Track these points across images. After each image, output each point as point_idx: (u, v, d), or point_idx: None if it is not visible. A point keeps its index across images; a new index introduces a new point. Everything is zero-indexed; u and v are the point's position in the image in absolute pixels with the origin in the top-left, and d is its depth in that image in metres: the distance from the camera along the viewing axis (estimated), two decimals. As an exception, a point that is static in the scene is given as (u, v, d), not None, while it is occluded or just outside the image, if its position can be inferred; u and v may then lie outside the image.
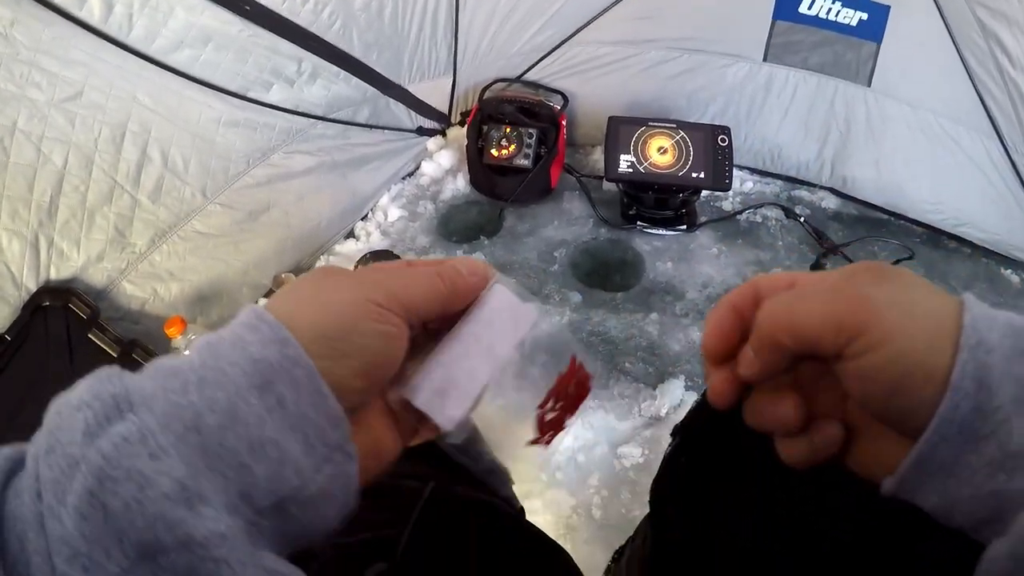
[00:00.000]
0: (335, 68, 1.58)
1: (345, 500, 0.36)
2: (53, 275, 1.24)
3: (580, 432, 1.41)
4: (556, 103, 1.99)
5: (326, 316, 0.37)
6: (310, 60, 1.51)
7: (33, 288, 1.22)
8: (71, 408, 0.31)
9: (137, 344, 1.28)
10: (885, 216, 1.93)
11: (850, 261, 1.71)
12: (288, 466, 0.33)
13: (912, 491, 0.37)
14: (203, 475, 0.30)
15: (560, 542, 1.23)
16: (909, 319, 0.35)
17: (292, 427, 0.33)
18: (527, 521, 0.75)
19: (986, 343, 0.33)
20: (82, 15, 1.11)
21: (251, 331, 0.35)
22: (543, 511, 1.32)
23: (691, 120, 1.90)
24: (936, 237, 1.87)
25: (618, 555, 1.07)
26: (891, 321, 0.35)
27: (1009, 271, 1.80)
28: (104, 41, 1.16)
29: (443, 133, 2.14)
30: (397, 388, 0.42)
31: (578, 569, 0.72)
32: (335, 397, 0.35)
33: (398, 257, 1.60)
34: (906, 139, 1.75)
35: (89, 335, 1.25)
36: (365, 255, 1.58)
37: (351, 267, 1.59)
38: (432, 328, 0.45)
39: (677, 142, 1.80)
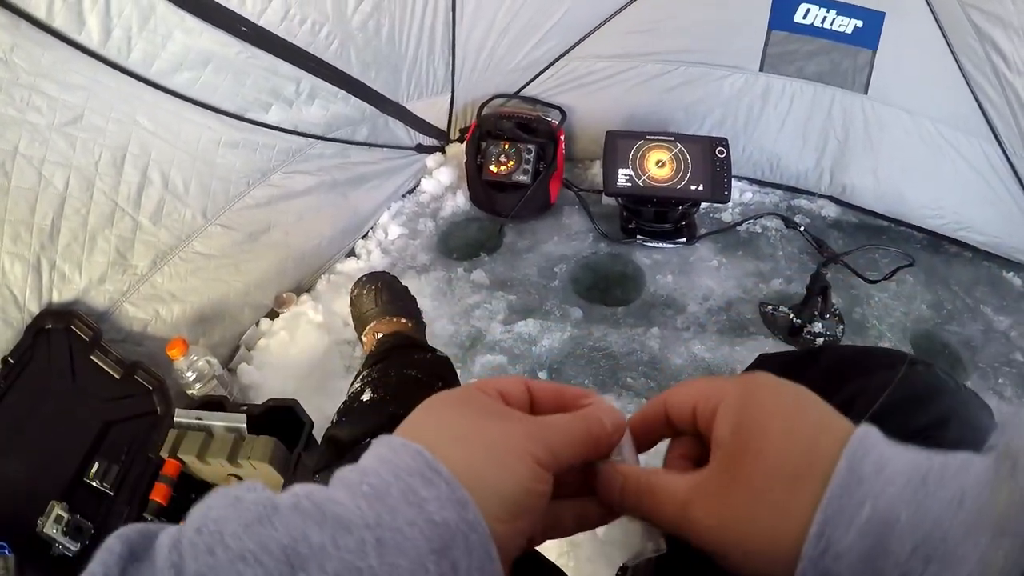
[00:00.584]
0: (333, 88, 1.59)
1: None
2: (55, 298, 1.24)
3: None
4: (554, 118, 2.00)
5: (496, 476, 0.37)
6: (308, 80, 1.51)
7: (35, 311, 1.22)
8: (233, 556, 0.29)
9: (139, 366, 1.28)
10: (885, 223, 1.93)
11: (851, 269, 1.71)
12: None
13: None
14: None
15: (563, 559, 1.23)
16: (757, 533, 0.37)
17: None
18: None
19: (835, 548, 0.33)
20: (81, 39, 1.11)
21: (425, 485, 0.34)
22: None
23: (689, 132, 1.91)
24: (937, 242, 1.88)
25: (622, 572, 1.06)
26: (739, 538, 0.37)
27: (1011, 274, 1.80)
28: (103, 64, 1.16)
29: (442, 150, 2.15)
30: None
31: None
32: (500, 558, 0.35)
33: (395, 279, 1.59)
34: (904, 145, 1.76)
35: (91, 357, 1.25)
36: (361, 278, 1.57)
37: (349, 286, 1.59)
38: None
39: (675, 155, 1.80)
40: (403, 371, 1.26)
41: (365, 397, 1.19)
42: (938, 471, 0.34)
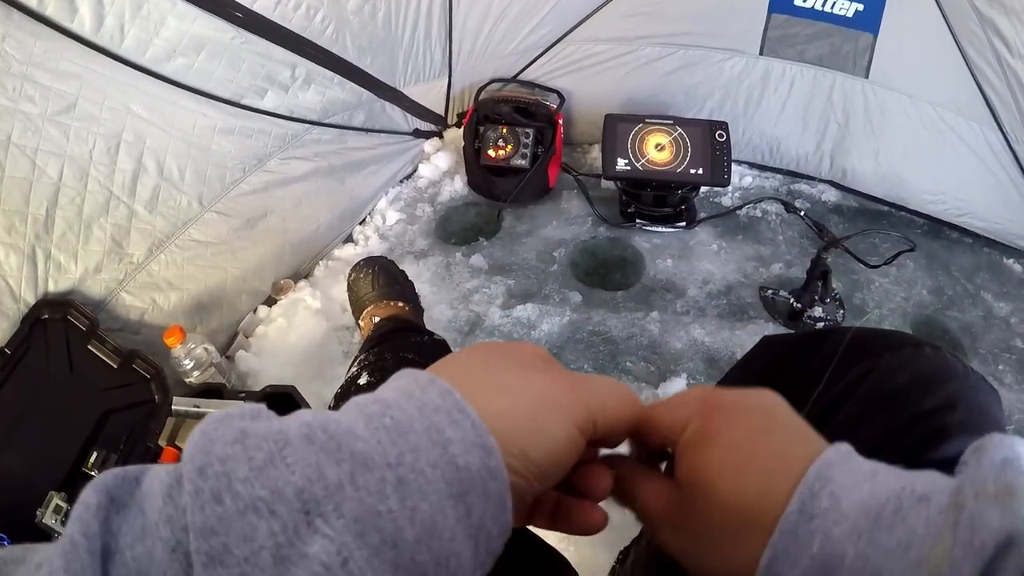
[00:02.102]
0: (329, 73, 1.57)
1: None
2: (51, 288, 1.24)
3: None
4: (552, 102, 1.98)
5: (538, 440, 0.36)
6: (304, 65, 1.50)
7: (32, 301, 1.22)
8: (244, 506, 0.27)
9: (137, 354, 1.28)
10: (886, 208, 1.92)
11: (851, 254, 1.71)
12: (454, 574, 0.31)
13: None
14: None
15: (563, 544, 1.23)
16: (707, 557, 0.40)
17: (471, 537, 0.32)
18: (525, 527, 0.74)
19: None
20: (73, 27, 1.10)
21: (452, 425, 0.33)
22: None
23: (688, 116, 1.90)
24: (937, 228, 1.87)
25: (623, 557, 1.07)
26: (697, 564, 0.40)
27: (1011, 260, 1.79)
28: (96, 52, 1.15)
29: (440, 135, 2.14)
30: None
31: (576, 574, 0.72)
32: (511, 510, 0.34)
33: (392, 263, 1.59)
34: (905, 130, 1.75)
35: (89, 347, 1.25)
36: (358, 262, 1.57)
37: (347, 272, 1.59)
38: None
39: (675, 139, 1.79)
40: (400, 354, 1.26)
41: (362, 381, 1.19)
42: (892, 509, 0.33)
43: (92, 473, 1.15)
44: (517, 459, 0.35)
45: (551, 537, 0.74)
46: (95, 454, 1.16)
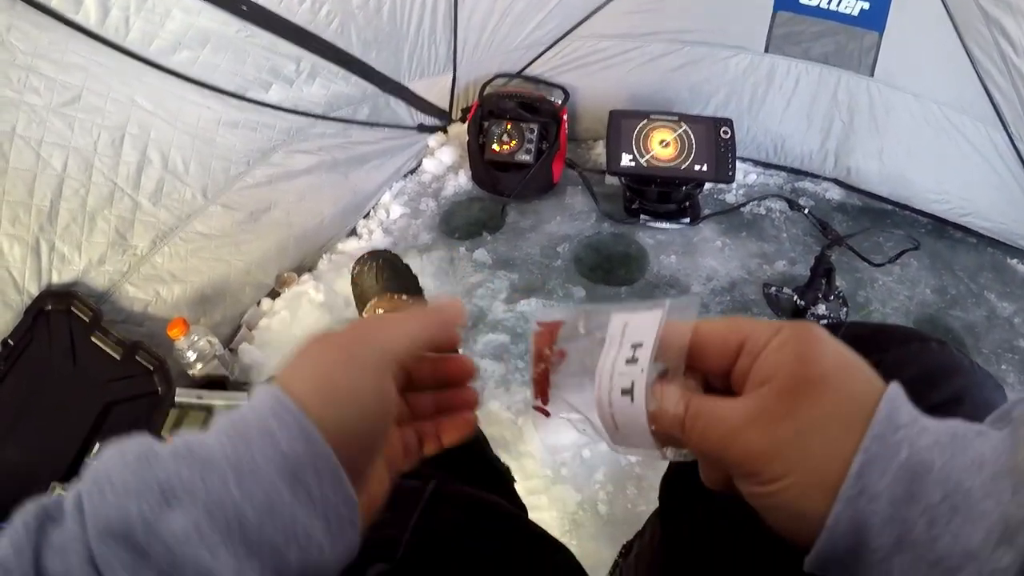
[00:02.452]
0: (334, 67, 1.57)
1: (349, 558, 0.40)
2: (55, 279, 1.24)
3: (585, 427, 1.41)
4: (557, 98, 1.98)
5: (337, 405, 0.40)
6: (309, 59, 1.50)
7: (35, 293, 1.22)
8: (120, 491, 0.33)
9: (140, 346, 1.28)
10: (890, 207, 1.92)
11: (855, 252, 1.70)
12: (314, 547, 0.36)
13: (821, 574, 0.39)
14: (246, 563, 0.34)
15: (565, 538, 1.23)
16: (787, 468, 0.37)
17: (317, 513, 0.37)
18: (529, 520, 0.75)
19: (870, 491, 0.35)
20: (78, 19, 1.10)
21: (278, 422, 0.37)
22: (548, 507, 1.31)
23: (693, 113, 1.89)
24: (941, 227, 1.86)
25: (626, 551, 1.07)
26: (771, 473, 0.38)
27: (1015, 261, 1.79)
28: (101, 44, 1.16)
29: (444, 130, 2.14)
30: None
31: (581, 568, 0.72)
32: (349, 480, 0.38)
33: (396, 257, 1.59)
34: (910, 129, 1.74)
35: (92, 338, 1.25)
36: (362, 256, 1.57)
37: (350, 265, 1.59)
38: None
39: (679, 135, 1.79)
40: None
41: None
42: (962, 433, 0.36)
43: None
44: (339, 427, 0.39)
45: (554, 530, 0.74)
46: (98, 446, 1.16)
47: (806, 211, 1.88)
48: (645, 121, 1.81)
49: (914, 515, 0.34)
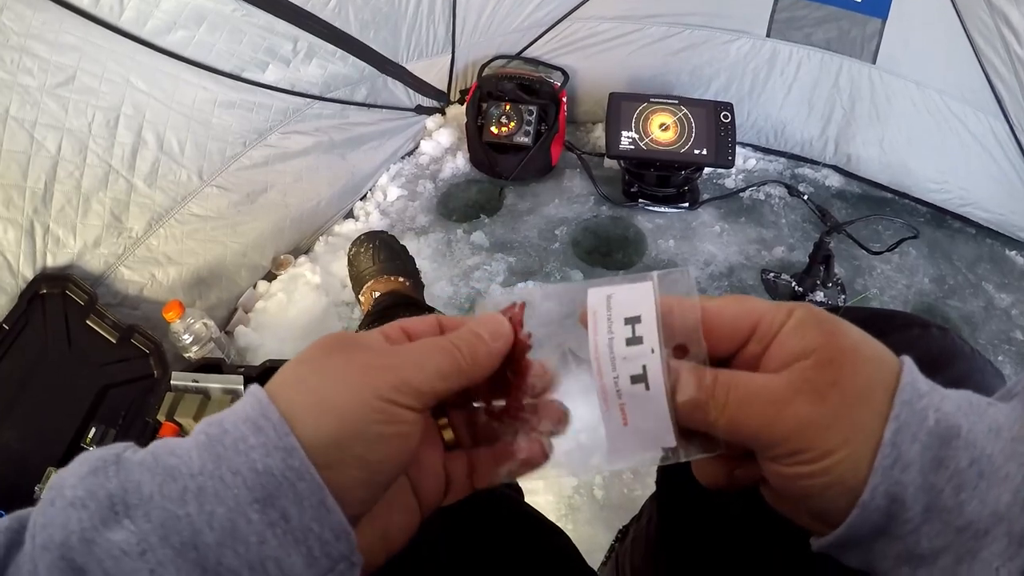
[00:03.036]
0: (331, 47, 1.56)
1: None
2: (50, 262, 1.24)
3: (582, 412, 1.41)
4: (556, 80, 1.96)
5: (329, 419, 0.34)
6: (306, 39, 1.48)
7: (30, 276, 1.22)
8: (65, 503, 0.31)
9: (136, 329, 1.27)
10: (889, 195, 1.91)
11: (854, 239, 1.70)
12: None
13: (833, 554, 0.39)
14: None
15: (562, 523, 1.24)
16: (842, 438, 0.36)
17: (295, 542, 0.32)
18: (526, 504, 0.75)
19: (904, 459, 0.34)
20: (72, -1, 1.09)
21: (255, 431, 0.33)
22: (544, 492, 1.32)
23: (693, 96, 1.88)
24: (940, 217, 1.86)
25: (622, 535, 1.08)
26: (824, 446, 0.36)
27: (1014, 252, 1.78)
28: (95, 24, 1.14)
29: (442, 111, 2.12)
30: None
31: (577, 551, 0.72)
32: (340, 509, 0.33)
33: (393, 238, 1.58)
34: (911, 117, 1.73)
35: (87, 322, 1.25)
36: (359, 237, 1.57)
37: (347, 247, 1.58)
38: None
39: (679, 119, 1.78)
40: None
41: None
42: (976, 401, 0.36)
43: (91, 448, 1.15)
44: (335, 451, 0.34)
45: (551, 515, 0.74)
46: (94, 429, 1.16)
47: (805, 197, 1.87)
48: (645, 104, 1.80)
49: (942, 481, 0.34)
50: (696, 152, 1.77)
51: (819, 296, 1.63)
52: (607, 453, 0.40)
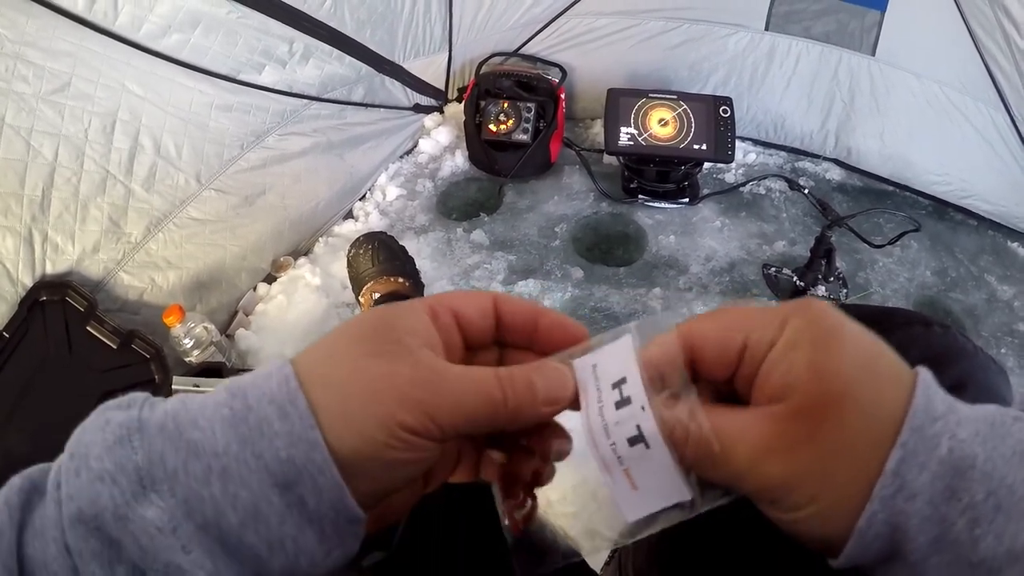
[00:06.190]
0: (327, 47, 1.55)
1: (345, 564, 0.36)
2: (49, 269, 1.23)
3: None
4: (554, 76, 1.96)
5: (350, 436, 0.34)
6: (302, 40, 1.48)
7: (29, 284, 1.21)
8: (93, 476, 0.31)
9: (136, 335, 1.27)
10: (890, 188, 1.91)
11: (855, 233, 1.69)
12: (303, 556, 0.33)
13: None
14: (223, 564, 0.32)
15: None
16: (829, 493, 0.34)
17: (310, 521, 0.33)
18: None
19: (908, 488, 0.32)
20: (66, 4, 1.08)
21: (280, 416, 0.33)
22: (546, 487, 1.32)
23: (692, 91, 1.88)
24: (942, 209, 1.85)
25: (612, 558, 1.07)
26: (809, 496, 0.34)
27: (1016, 244, 1.78)
28: (90, 30, 1.14)
29: (440, 110, 2.11)
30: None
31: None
32: (356, 505, 0.34)
33: (392, 239, 1.58)
34: (911, 110, 1.73)
35: (88, 328, 1.24)
36: (358, 238, 1.56)
37: (347, 248, 1.58)
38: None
39: (678, 114, 1.77)
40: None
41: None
42: (999, 420, 0.33)
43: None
44: (350, 464, 0.34)
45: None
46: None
47: (806, 191, 1.87)
48: (644, 100, 1.79)
49: (954, 514, 0.32)
50: (695, 147, 1.76)
51: (821, 290, 1.63)
52: (626, 523, 0.38)
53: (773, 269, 1.70)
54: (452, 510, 0.63)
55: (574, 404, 0.38)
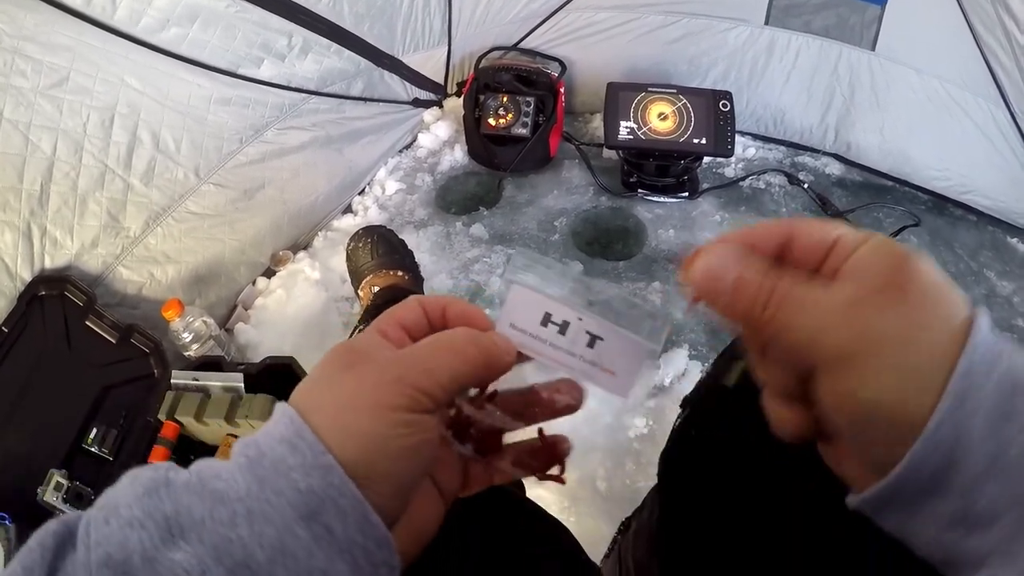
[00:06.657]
0: (326, 41, 1.55)
1: None
2: (48, 264, 1.24)
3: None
4: (554, 70, 1.95)
5: (353, 443, 0.36)
6: (300, 34, 1.48)
7: (28, 278, 1.22)
8: (123, 522, 0.32)
9: (135, 329, 1.27)
10: (890, 182, 1.90)
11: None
12: None
13: (873, 513, 0.37)
14: None
15: (564, 515, 1.24)
16: (904, 360, 0.34)
17: (340, 551, 0.34)
18: (526, 498, 0.75)
19: (972, 399, 0.32)
20: (64, -1, 1.08)
21: (292, 451, 0.35)
22: (546, 483, 1.32)
23: (692, 85, 1.87)
24: (942, 204, 1.85)
25: (624, 527, 1.07)
26: (886, 362, 0.34)
27: (1015, 239, 1.77)
28: (88, 24, 1.14)
29: (439, 104, 2.11)
30: None
31: (579, 545, 0.72)
32: (381, 521, 0.35)
33: (391, 232, 1.58)
34: (911, 105, 1.72)
35: (86, 322, 1.24)
36: (357, 231, 1.56)
37: (346, 242, 1.58)
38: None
39: (678, 108, 1.77)
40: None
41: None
42: None
43: (92, 449, 1.15)
44: (356, 463, 0.35)
45: (553, 508, 0.74)
46: (95, 430, 1.16)
47: (806, 186, 1.86)
48: (643, 94, 1.79)
49: (1010, 434, 0.32)
50: (695, 141, 1.76)
51: (820, 285, 1.62)
52: (622, 398, 0.44)
53: (772, 264, 1.69)
54: (465, 523, 0.63)
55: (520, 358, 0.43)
